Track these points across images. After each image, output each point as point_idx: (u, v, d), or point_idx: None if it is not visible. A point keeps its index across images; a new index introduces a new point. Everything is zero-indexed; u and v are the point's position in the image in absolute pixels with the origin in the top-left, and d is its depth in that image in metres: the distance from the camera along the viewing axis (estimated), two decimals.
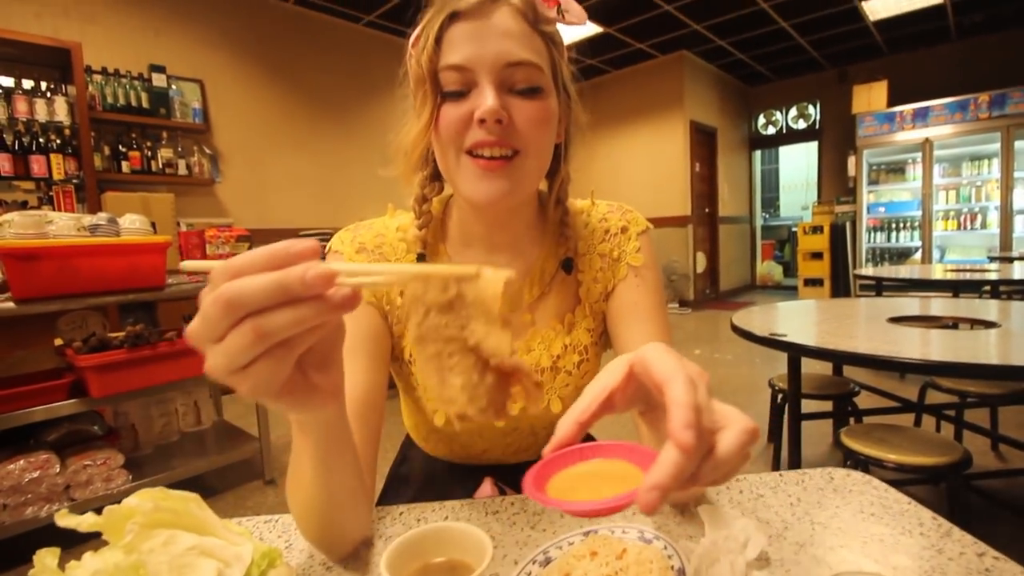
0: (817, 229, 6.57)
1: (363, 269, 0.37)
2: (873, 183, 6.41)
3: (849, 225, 6.43)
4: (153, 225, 2.12)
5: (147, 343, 1.96)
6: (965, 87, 5.63)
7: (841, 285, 6.45)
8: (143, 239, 1.99)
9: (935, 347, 1.42)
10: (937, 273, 3.31)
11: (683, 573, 0.45)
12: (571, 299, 0.74)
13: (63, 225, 1.84)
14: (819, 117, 7.37)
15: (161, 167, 3.76)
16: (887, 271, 4.04)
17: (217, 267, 0.31)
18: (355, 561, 0.55)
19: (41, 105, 3.15)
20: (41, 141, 3.17)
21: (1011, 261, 4.17)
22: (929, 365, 1.26)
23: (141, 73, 3.70)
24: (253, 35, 4.40)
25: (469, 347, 0.37)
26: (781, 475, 0.67)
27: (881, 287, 3.50)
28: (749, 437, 0.31)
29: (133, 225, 2.00)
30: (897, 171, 6.28)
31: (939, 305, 2.18)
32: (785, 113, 7.73)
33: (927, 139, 5.77)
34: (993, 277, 3.03)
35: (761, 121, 7.98)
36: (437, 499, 0.66)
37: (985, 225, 5.76)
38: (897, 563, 0.49)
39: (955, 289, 3.25)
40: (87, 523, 0.41)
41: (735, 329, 1.76)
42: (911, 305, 2.12)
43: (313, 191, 4.79)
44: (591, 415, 0.36)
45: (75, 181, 3.26)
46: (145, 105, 3.68)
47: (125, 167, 3.59)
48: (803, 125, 7.57)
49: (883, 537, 0.53)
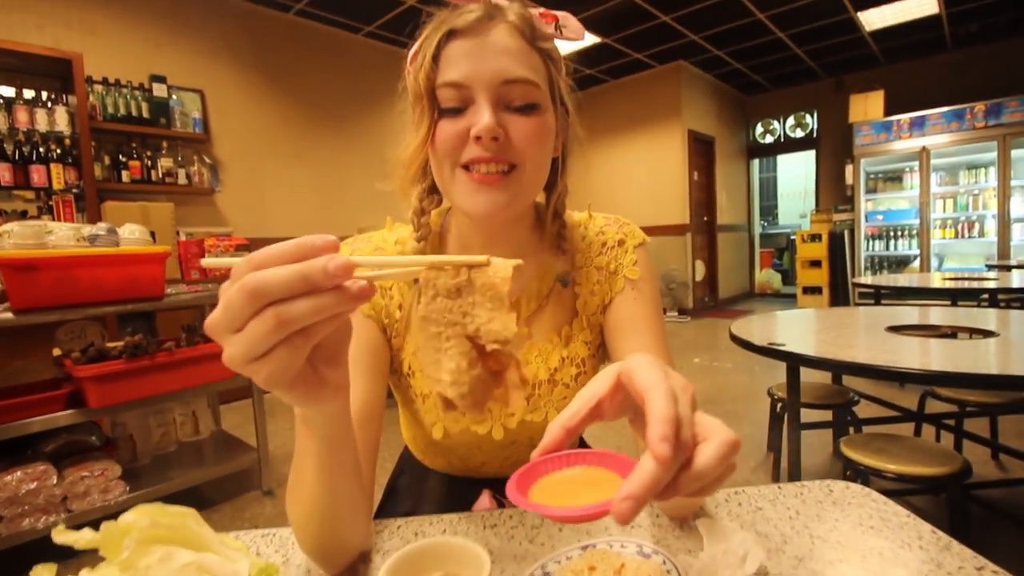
0: (815, 237, 6.59)
1: (380, 262, 0.39)
2: (871, 191, 6.44)
3: (847, 233, 6.45)
4: (153, 234, 2.13)
5: (145, 353, 1.96)
6: (961, 96, 5.67)
7: (840, 293, 6.46)
8: (142, 249, 1.99)
9: (934, 357, 1.42)
10: (935, 282, 3.32)
11: None
12: (568, 312, 0.74)
13: (62, 235, 1.84)
14: (816, 126, 7.41)
15: (161, 176, 3.77)
16: (885, 279, 4.05)
17: (240, 261, 0.32)
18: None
19: (42, 115, 3.16)
20: (41, 151, 3.18)
21: (1009, 269, 4.18)
22: (928, 375, 1.26)
23: (142, 83, 3.72)
24: (253, 45, 4.43)
25: (467, 334, 0.40)
26: (780, 487, 0.67)
27: (880, 295, 3.50)
28: (729, 449, 0.31)
29: (132, 235, 2.00)
30: (895, 179, 6.31)
31: (938, 314, 2.18)
32: (783, 122, 7.77)
33: (924, 148, 5.80)
34: (991, 285, 3.04)
35: (759, 130, 8.02)
36: (435, 512, 0.66)
37: (983, 233, 5.79)
38: None
39: (953, 297, 3.26)
40: (84, 540, 0.41)
41: (734, 338, 1.76)
42: (910, 314, 2.12)
43: (312, 200, 4.81)
44: (579, 421, 0.36)
45: (75, 191, 3.27)
46: (145, 115, 3.70)
47: (125, 176, 3.60)
48: (801, 134, 7.61)
49: (882, 551, 0.53)
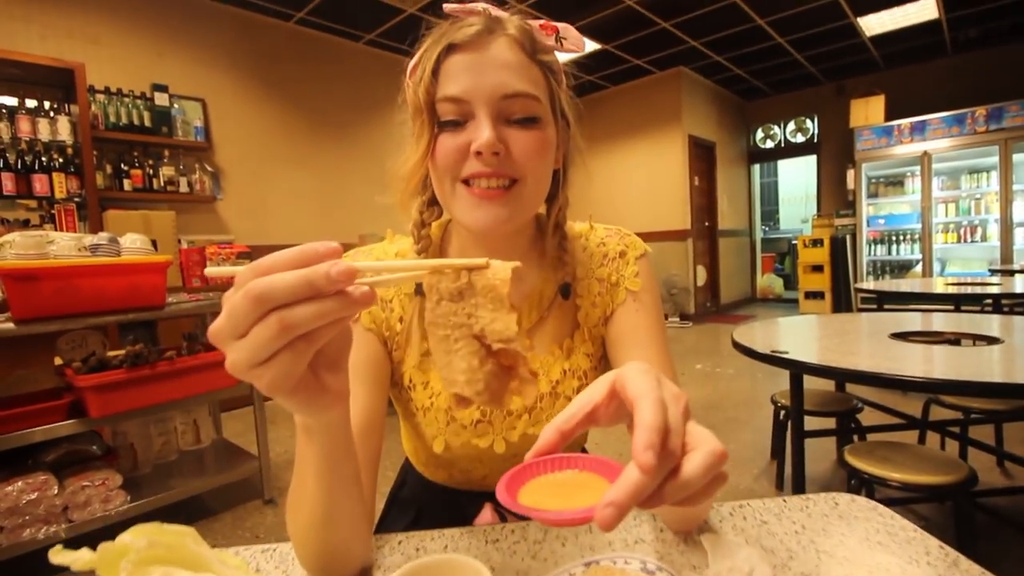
0: (817, 242, 6.59)
1: (382, 266, 0.39)
2: (872, 196, 6.43)
3: (849, 238, 6.44)
4: (154, 243, 2.13)
5: (146, 363, 1.95)
6: (962, 101, 5.67)
7: (842, 298, 6.44)
8: (143, 259, 1.99)
9: (938, 364, 1.41)
10: (938, 287, 3.30)
11: None
12: (570, 324, 0.74)
13: (64, 245, 1.84)
14: (817, 131, 7.41)
15: (163, 185, 3.78)
16: (888, 284, 4.03)
17: (243, 269, 0.33)
18: None
19: (44, 124, 3.17)
20: (44, 160, 3.19)
21: (1012, 274, 4.16)
22: (932, 383, 1.25)
23: (144, 92, 3.74)
24: (255, 54, 4.45)
25: (474, 334, 0.41)
26: (785, 500, 0.66)
27: (882, 300, 3.49)
28: (715, 460, 0.31)
29: (134, 244, 2.00)
30: (896, 184, 6.30)
31: (941, 320, 2.17)
32: (783, 127, 7.78)
33: (925, 152, 5.80)
34: (995, 290, 3.02)
35: (759, 135, 8.02)
36: (437, 525, 0.65)
37: (985, 237, 5.78)
38: None
39: (956, 303, 3.24)
40: (81, 561, 0.41)
41: (736, 345, 1.75)
42: (913, 320, 2.11)
43: (313, 207, 4.82)
44: (574, 426, 0.37)
45: (77, 199, 3.28)
46: (147, 124, 3.71)
47: (127, 185, 3.61)
48: (801, 139, 7.61)
49: (890, 567, 0.52)
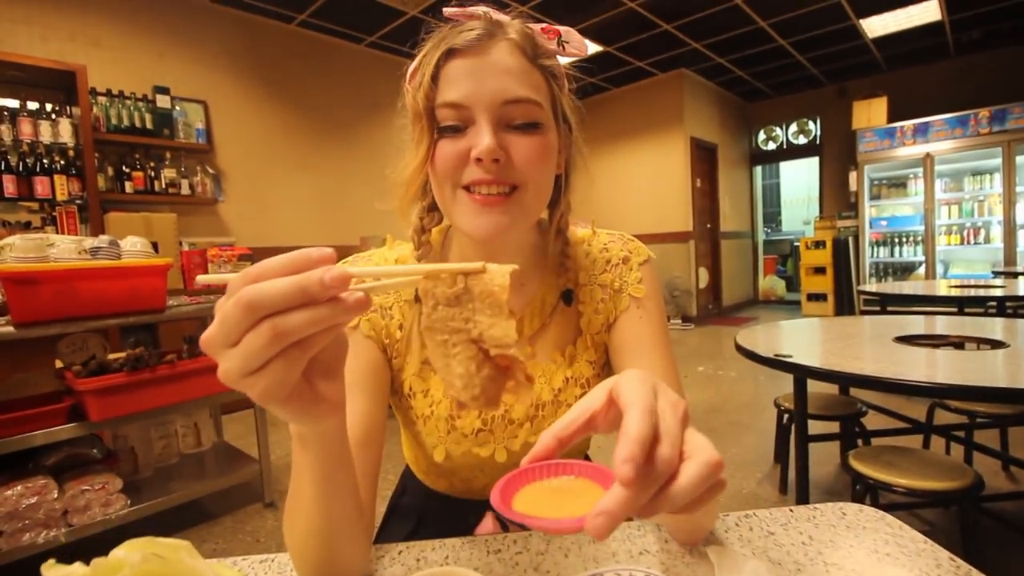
0: (820, 244, 6.57)
1: (376, 272, 0.38)
2: (875, 198, 6.41)
3: (852, 240, 6.42)
4: (155, 245, 2.13)
5: (147, 366, 1.95)
6: (965, 103, 5.66)
7: (844, 300, 6.42)
8: (144, 262, 1.99)
9: (942, 369, 1.40)
10: (942, 289, 3.28)
11: None
12: (572, 331, 0.73)
13: (64, 248, 1.83)
14: (819, 132, 7.40)
15: (164, 187, 3.78)
16: (891, 287, 4.01)
17: (235, 276, 0.32)
18: None
19: (46, 127, 3.17)
20: (45, 162, 3.19)
21: (1015, 276, 4.13)
22: (937, 388, 1.23)
23: (145, 95, 3.74)
24: (256, 56, 4.45)
25: (471, 339, 0.40)
26: (792, 511, 0.65)
27: (885, 303, 3.47)
28: (710, 470, 0.31)
29: (134, 248, 2.00)
30: (899, 186, 6.28)
31: (945, 323, 2.15)
32: (785, 129, 7.76)
33: (928, 154, 5.78)
34: (998, 293, 3.01)
35: (761, 137, 8.01)
36: (437, 533, 0.64)
37: (988, 239, 5.76)
38: None
39: (960, 305, 3.22)
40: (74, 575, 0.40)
41: (739, 349, 1.74)
42: (916, 323, 2.09)
43: (315, 210, 4.81)
44: (572, 432, 0.37)
45: (78, 202, 3.28)
46: (149, 126, 3.71)
47: (128, 187, 3.61)
48: (803, 140, 7.60)
49: None
